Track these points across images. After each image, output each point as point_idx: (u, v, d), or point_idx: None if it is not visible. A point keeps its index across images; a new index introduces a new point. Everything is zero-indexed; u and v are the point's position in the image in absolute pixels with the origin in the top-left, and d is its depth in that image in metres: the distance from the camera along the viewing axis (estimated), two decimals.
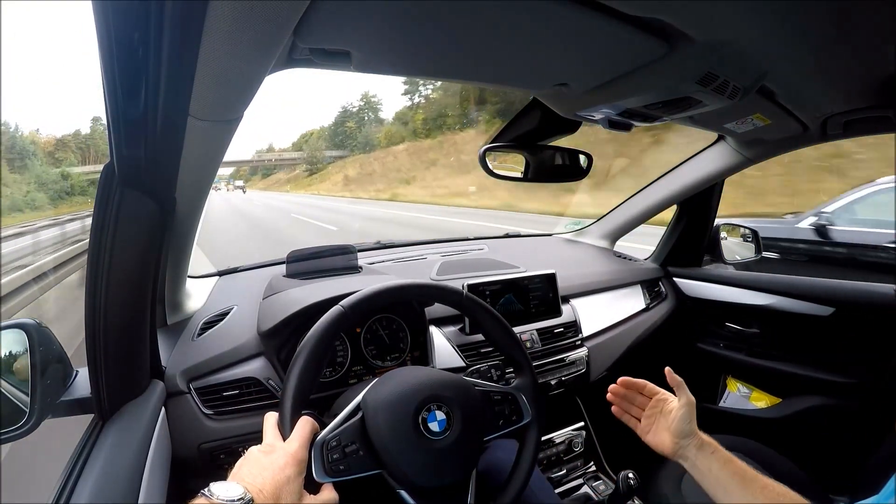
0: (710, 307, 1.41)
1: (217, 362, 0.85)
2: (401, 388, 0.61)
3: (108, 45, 0.35)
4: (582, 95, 0.65)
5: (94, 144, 61.75)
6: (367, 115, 59.79)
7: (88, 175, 48.52)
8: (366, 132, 53.56)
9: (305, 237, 9.18)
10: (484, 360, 1.04)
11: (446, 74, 0.58)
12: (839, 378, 1.15)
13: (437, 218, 11.95)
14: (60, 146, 60.90)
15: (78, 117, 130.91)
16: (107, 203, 0.54)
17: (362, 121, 59.06)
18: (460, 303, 0.73)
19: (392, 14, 0.41)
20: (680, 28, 0.46)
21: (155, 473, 0.63)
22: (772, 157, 1.13)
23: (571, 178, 0.96)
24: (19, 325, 0.61)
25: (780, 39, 0.52)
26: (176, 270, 0.86)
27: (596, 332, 1.26)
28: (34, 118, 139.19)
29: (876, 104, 0.76)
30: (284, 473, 0.49)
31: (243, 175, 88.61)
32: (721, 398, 1.42)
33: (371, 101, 59.79)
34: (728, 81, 0.57)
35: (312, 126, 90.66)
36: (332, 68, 0.51)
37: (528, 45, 0.50)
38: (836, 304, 1.15)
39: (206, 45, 0.37)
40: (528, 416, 0.70)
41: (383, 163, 39.08)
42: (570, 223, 1.87)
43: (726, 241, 1.48)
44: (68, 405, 0.65)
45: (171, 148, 0.50)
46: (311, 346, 0.60)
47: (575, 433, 1.31)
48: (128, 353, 0.66)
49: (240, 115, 0.51)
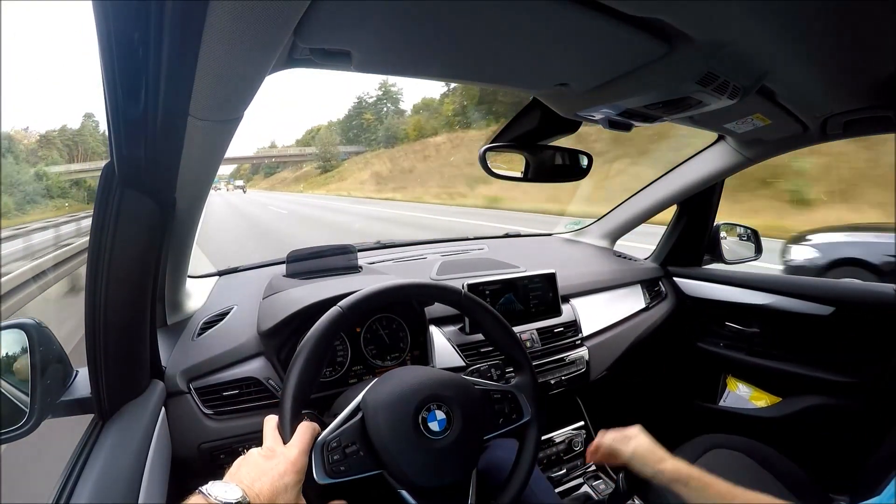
0: (710, 307, 1.41)
1: (217, 362, 0.85)
2: (400, 388, 0.61)
3: (108, 45, 0.35)
4: (582, 95, 0.65)
5: (82, 141, 57.89)
6: (385, 106, 56.53)
7: (73, 175, 43.80)
8: (388, 124, 50.10)
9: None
10: (484, 360, 1.04)
11: (446, 75, 0.58)
12: (839, 378, 1.15)
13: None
14: (45, 143, 56.36)
15: (67, 113, 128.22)
16: (107, 203, 0.54)
17: (381, 112, 56.08)
18: (459, 302, 0.73)
19: (392, 14, 0.41)
20: (680, 28, 0.46)
21: (155, 473, 0.63)
22: (772, 157, 1.14)
23: (571, 178, 0.96)
24: (19, 325, 0.61)
25: (780, 39, 0.52)
26: (176, 270, 0.86)
27: (596, 331, 1.26)
28: (25, 116, 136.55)
29: (876, 104, 0.76)
30: (283, 481, 0.49)
31: (244, 174, 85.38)
32: (721, 398, 1.42)
33: (390, 92, 56.22)
34: (728, 81, 0.57)
35: (317, 122, 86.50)
36: (332, 68, 0.51)
37: (529, 46, 0.50)
38: (836, 303, 1.15)
39: (206, 45, 0.37)
40: (528, 415, 0.70)
41: (424, 157, 33.50)
42: (571, 223, 1.87)
43: (726, 240, 1.48)
44: (68, 405, 0.65)
45: (171, 148, 0.50)
46: (310, 347, 0.60)
47: (575, 433, 1.31)
48: (128, 352, 0.66)
49: (240, 115, 0.51)
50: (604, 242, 1.63)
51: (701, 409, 1.42)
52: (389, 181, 34.13)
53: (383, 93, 56.84)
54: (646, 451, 0.69)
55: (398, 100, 57.06)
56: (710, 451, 0.98)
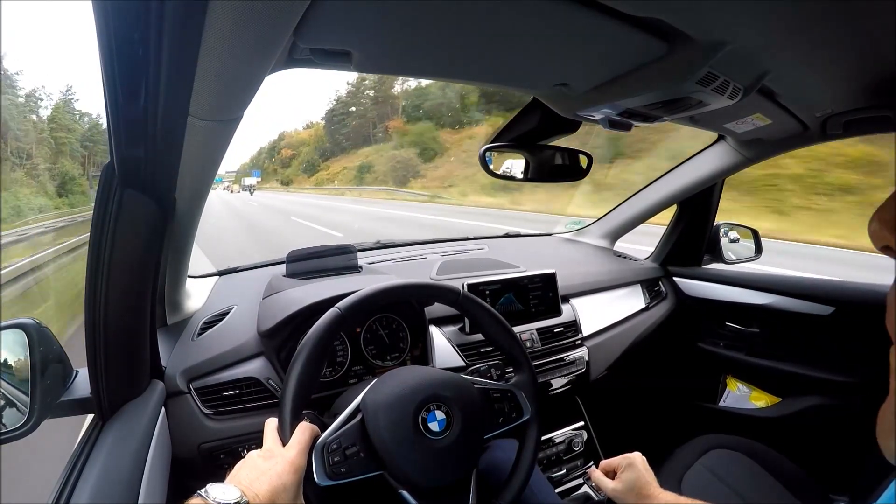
0: (710, 307, 1.41)
1: (217, 362, 0.85)
2: (400, 388, 0.61)
3: (108, 45, 0.35)
4: (582, 95, 0.65)
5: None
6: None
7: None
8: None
9: None
10: (484, 360, 1.04)
11: (446, 75, 0.58)
12: (839, 378, 1.15)
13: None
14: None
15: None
16: (107, 203, 0.54)
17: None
18: (457, 301, 0.73)
19: (392, 14, 0.41)
20: (680, 28, 0.46)
21: (155, 473, 0.63)
22: (772, 157, 1.14)
23: (571, 177, 0.95)
24: (19, 325, 0.61)
25: (781, 39, 0.52)
26: (176, 270, 0.86)
27: (596, 331, 1.26)
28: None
29: (876, 104, 0.76)
30: (282, 480, 0.49)
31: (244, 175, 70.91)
32: (721, 398, 1.42)
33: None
34: (728, 81, 0.57)
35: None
36: (332, 68, 0.51)
37: (528, 46, 0.50)
38: (836, 303, 1.15)
39: (206, 46, 0.37)
40: (528, 413, 0.70)
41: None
42: (570, 223, 1.87)
43: (726, 240, 1.48)
44: (68, 405, 0.65)
45: (171, 148, 0.50)
46: (309, 349, 0.60)
47: (575, 433, 1.31)
48: (128, 353, 0.66)
49: (240, 115, 0.51)
50: (604, 242, 1.63)
51: (701, 410, 1.42)
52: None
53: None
54: (636, 483, 0.70)
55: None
56: (709, 452, 0.98)
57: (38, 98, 45.31)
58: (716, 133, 1.13)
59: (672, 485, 0.91)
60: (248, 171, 67.77)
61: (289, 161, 70.05)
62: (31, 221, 14.62)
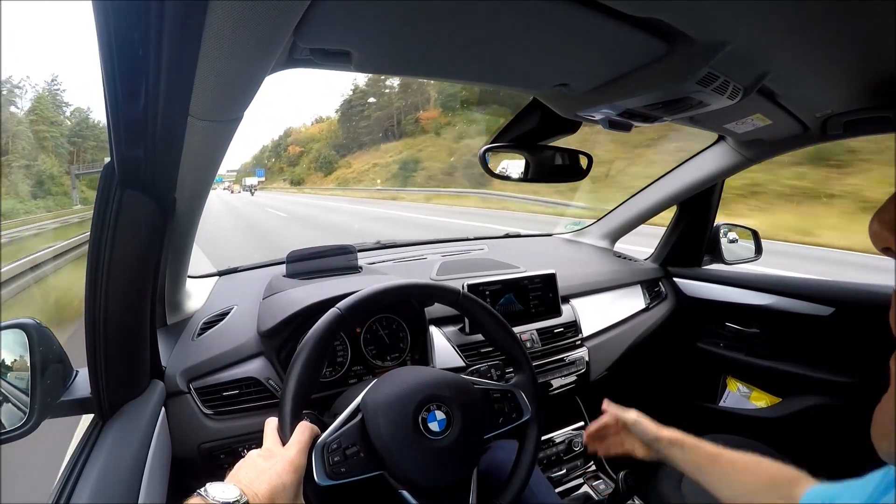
0: (710, 307, 1.41)
1: (217, 362, 0.85)
2: (400, 388, 0.61)
3: (108, 45, 0.35)
4: (582, 96, 0.65)
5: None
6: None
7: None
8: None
9: None
10: (484, 360, 1.04)
11: (446, 75, 0.58)
12: (839, 378, 1.15)
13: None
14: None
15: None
16: (107, 203, 0.54)
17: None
18: (457, 302, 0.73)
19: (392, 14, 0.41)
20: (680, 28, 0.46)
21: (155, 473, 0.63)
22: (772, 158, 1.14)
23: (571, 178, 0.95)
24: (19, 325, 0.61)
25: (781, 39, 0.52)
26: (176, 270, 0.86)
27: (596, 332, 1.26)
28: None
29: (876, 104, 0.76)
30: (281, 479, 0.49)
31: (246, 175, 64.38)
32: (721, 398, 1.42)
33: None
34: (728, 81, 0.57)
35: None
36: (332, 68, 0.51)
37: (528, 46, 0.50)
38: (836, 304, 1.15)
39: (206, 46, 0.37)
40: (528, 414, 0.70)
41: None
42: (571, 223, 1.87)
43: (726, 241, 1.48)
44: (68, 405, 0.65)
45: (171, 148, 0.50)
46: (309, 349, 0.60)
47: (575, 433, 1.31)
48: (128, 353, 0.66)
49: (240, 116, 0.51)
50: (604, 243, 1.63)
51: (701, 410, 1.42)
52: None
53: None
54: (646, 419, 0.73)
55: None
56: None
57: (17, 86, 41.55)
58: (716, 133, 1.13)
59: (672, 485, 0.91)
60: (251, 171, 64.59)
61: (297, 159, 66.02)
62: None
